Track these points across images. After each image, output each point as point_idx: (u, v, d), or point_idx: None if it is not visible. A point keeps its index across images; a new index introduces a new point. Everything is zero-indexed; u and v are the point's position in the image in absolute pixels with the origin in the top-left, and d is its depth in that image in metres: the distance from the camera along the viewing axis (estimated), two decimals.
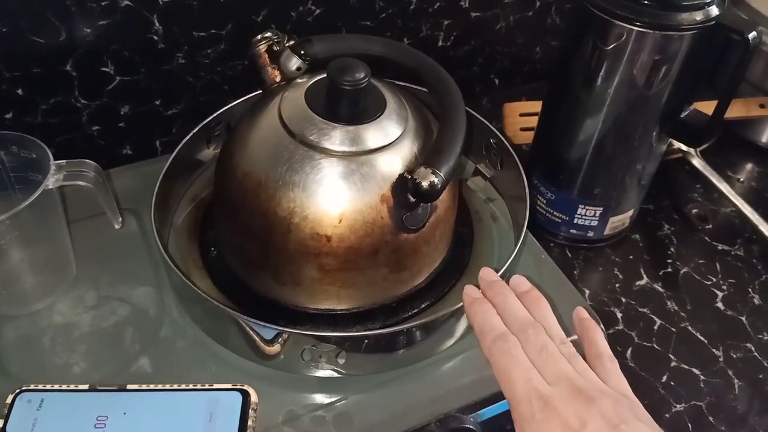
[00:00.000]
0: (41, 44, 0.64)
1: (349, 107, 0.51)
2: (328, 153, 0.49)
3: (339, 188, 0.49)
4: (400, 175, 0.49)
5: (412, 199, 0.49)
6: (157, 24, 0.68)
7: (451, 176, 0.48)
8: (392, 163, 0.50)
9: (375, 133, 0.51)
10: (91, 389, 0.50)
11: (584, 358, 0.43)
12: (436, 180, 0.46)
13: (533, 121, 0.82)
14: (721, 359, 0.65)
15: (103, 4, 0.64)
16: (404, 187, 0.48)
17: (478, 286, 0.47)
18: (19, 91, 0.66)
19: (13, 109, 0.67)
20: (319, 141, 0.49)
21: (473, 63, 0.89)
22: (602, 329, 0.59)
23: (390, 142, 0.51)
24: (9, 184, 0.54)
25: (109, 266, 0.59)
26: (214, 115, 0.63)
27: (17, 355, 0.53)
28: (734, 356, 0.65)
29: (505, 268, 0.52)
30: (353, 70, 0.50)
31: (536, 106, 0.84)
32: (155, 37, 0.69)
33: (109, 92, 0.70)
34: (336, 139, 0.50)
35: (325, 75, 0.51)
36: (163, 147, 0.77)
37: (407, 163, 0.51)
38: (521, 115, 0.84)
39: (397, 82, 0.58)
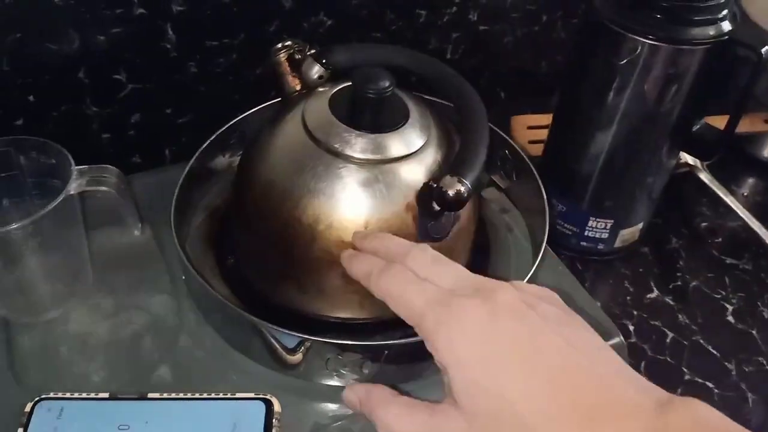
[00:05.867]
0: (54, 51, 0.64)
1: (373, 116, 0.50)
2: (353, 161, 0.49)
3: (364, 196, 0.49)
4: (425, 183, 0.49)
5: (437, 208, 0.49)
6: (170, 32, 0.68)
7: (476, 185, 0.48)
8: (416, 172, 0.50)
9: (399, 142, 0.51)
10: (112, 398, 0.49)
11: None
12: (462, 188, 0.46)
13: (541, 134, 0.82)
14: (733, 373, 0.65)
15: (117, 12, 0.64)
16: (429, 195, 0.48)
17: None
18: (31, 98, 0.66)
19: (24, 115, 0.67)
20: (344, 149, 0.49)
21: (480, 76, 0.90)
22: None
23: (414, 150, 0.51)
24: (26, 189, 0.53)
25: (125, 274, 0.58)
26: (231, 123, 0.63)
27: (34, 363, 0.52)
28: (746, 370, 0.65)
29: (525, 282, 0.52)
30: (378, 78, 0.49)
31: (544, 119, 0.85)
32: (168, 46, 0.69)
33: (120, 100, 0.70)
34: (361, 147, 0.50)
35: (348, 83, 0.52)
36: (172, 156, 0.77)
37: (431, 173, 0.51)
38: (529, 128, 0.85)
39: (419, 94, 0.58)
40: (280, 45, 0.56)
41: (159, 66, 0.69)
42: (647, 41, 0.58)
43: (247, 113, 0.64)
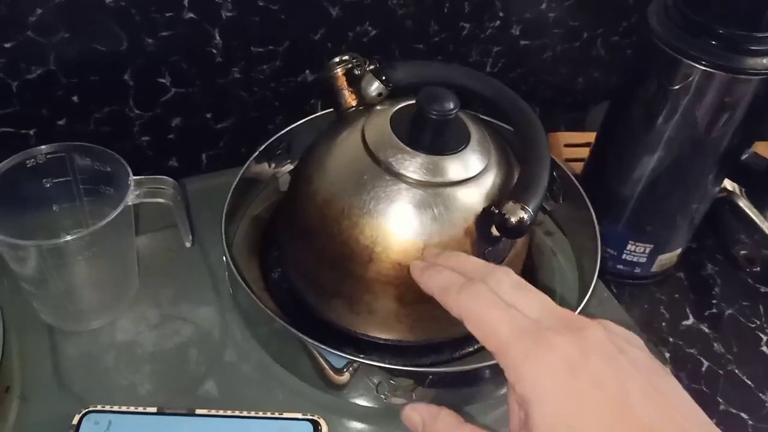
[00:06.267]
0: (102, 52, 0.63)
1: (435, 137, 0.50)
2: (413, 182, 0.49)
3: (424, 219, 0.48)
4: (484, 208, 0.49)
5: (496, 234, 0.48)
6: (217, 38, 0.67)
7: (538, 212, 0.48)
8: (475, 197, 0.50)
9: (459, 165, 0.50)
10: (160, 412, 0.48)
11: None
12: (525, 216, 0.46)
13: (578, 152, 0.82)
14: (767, 404, 0.65)
15: (167, 15, 0.64)
16: (489, 220, 0.48)
17: None
18: (75, 98, 0.65)
19: (67, 115, 0.66)
20: (405, 170, 0.49)
21: (517, 90, 0.88)
22: None
23: (474, 174, 0.50)
24: (77, 195, 0.53)
25: (170, 284, 0.58)
26: (279, 134, 0.62)
27: (80, 373, 0.52)
28: None
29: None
30: (443, 100, 0.49)
31: (581, 137, 0.85)
32: (214, 51, 0.68)
33: (162, 103, 0.69)
34: (422, 168, 0.49)
35: (409, 102, 0.51)
36: (209, 160, 0.76)
37: (490, 198, 0.50)
38: (566, 145, 0.84)
39: (479, 115, 0.58)
40: (337, 59, 0.55)
41: (204, 70, 0.69)
42: (702, 67, 0.58)
43: (296, 124, 0.64)
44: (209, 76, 0.69)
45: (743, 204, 0.80)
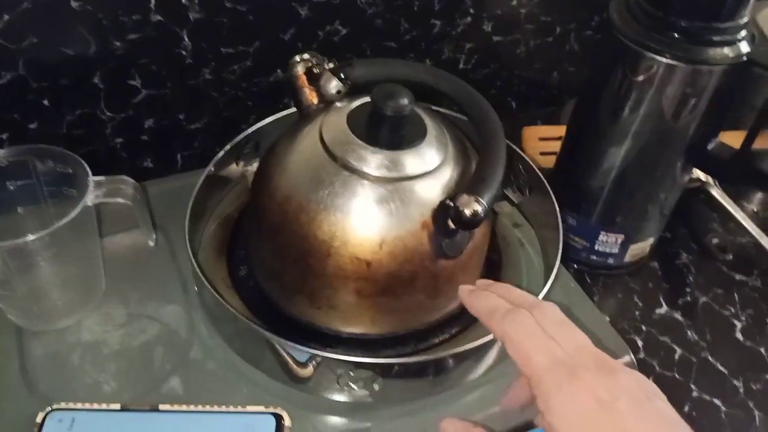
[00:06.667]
0: (70, 56, 0.64)
1: (391, 133, 0.50)
2: (370, 178, 0.49)
3: (381, 213, 0.49)
4: (441, 201, 0.49)
5: (453, 227, 0.49)
6: (186, 39, 0.68)
7: (493, 204, 0.48)
8: (433, 190, 0.50)
9: (416, 160, 0.51)
10: (124, 409, 0.49)
11: None
12: (479, 208, 0.46)
13: (553, 146, 0.82)
14: (741, 391, 0.65)
15: (134, 18, 0.64)
16: (445, 214, 0.48)
17: None
18: (46, 102, 0.66)
19: (39, 119, 0.67)
20: (362, 166, 0.49)
21: (492, 86, 0.90)
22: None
23: (431, 169, 0.51)
24: (42, 197, 0.54)
25: (137, 283, 0.58)
26: (246, 132, 0.63)
27: (45, 372, 0.52)
28: (754, 388, 0.65)
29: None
30: (397, 96, 0.49)
31: (556, 130, 0.85)
32: (183, 52, 0.68)
33: (134, 105, 0.70)
34: (378, 164, 0.50)
35: (366, 99, 0.52)
36: (184, 160, 0.77)
37: (447, 191, 0.51)
38: (541, 139, 0.85)
39: (436, 108, 0.58)
40: (298, 58, 0.56)
41: (174, 72, 0.69)
42: (665, 60, 0.58)
43: (263, 123, 0.64)
44: (180, 77, 0.70)
45: (716, 193, 0.80)
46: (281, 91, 0.76)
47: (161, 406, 0.49)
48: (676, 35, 0.58)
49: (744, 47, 0.59)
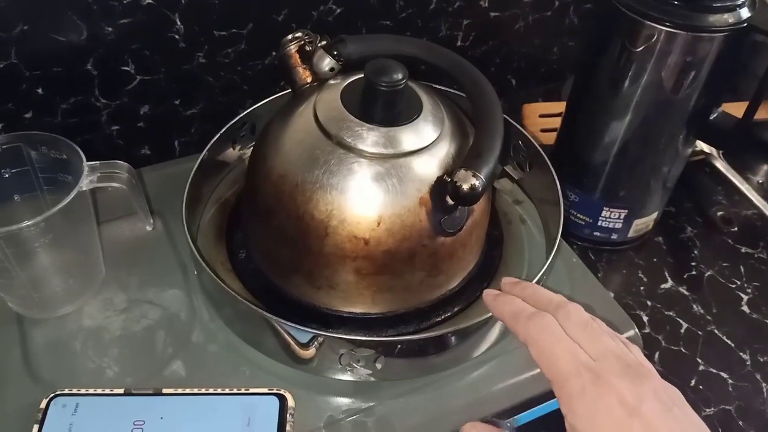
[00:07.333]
0: (62, 43, 0.64)
1: (385, 109, 0.50)
2: (365, 155, 0.49)
3: (377, 191, 0.49)
4: (439, 177, 0.49)
5: (451, 202, 0.48)
6: (178, 23, 0.67)
7: (491, 179, 0.48)
8: (430, 166, 0.50)
9: (412, 136, 0.50)
10: (127, 393, 0.49)
11: None
12: (476, 183, 0.46)
13: (553, 122, 0.81)
14: (748, 363, 0.65)
15: (124, 2, 0.64)
16: (443, 189, 0.48)
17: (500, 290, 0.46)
18: (40, 91, 0.65)
19: (33, 108, 0.66)
20: (357, 143, 0.49)
21: (491, 63, 0.89)
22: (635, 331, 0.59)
23: (427, 144, 0.50)
24: (38, 185, 0.53)
25: (137, 269, 0.58)
26: (241, 115, 0.63)
27: (48, 359, 0.52)
28: (761, 360, 0.65)
29: (539, 276, 0.52)
30: (391, 71, 0.49)
31: (556, 107, 0.84)
32: (176, 36, 0.68)
33: (128, 92, 0.69)
34: (373, 141, 0.49)
35: (360, 76, 0.51)
36: (182, 147, 0.77)
37: (444, 166, 0.50)
38: (541, 116, 0.84)
39: (432, 85, 0.57)
40: (290, 37, 0.55)
41: (167, 57, 0.69)
42: (664, 28, 0.57)
43: (258, 105, 0.64)
44: (173, 62, 0.69)
45: (721, 165, 0.79)
46: (277, 75, 0.75)
47: (164, 390, 0.49)
48: (675, 2, 0.57)
49: (744, 13, 0.58)
